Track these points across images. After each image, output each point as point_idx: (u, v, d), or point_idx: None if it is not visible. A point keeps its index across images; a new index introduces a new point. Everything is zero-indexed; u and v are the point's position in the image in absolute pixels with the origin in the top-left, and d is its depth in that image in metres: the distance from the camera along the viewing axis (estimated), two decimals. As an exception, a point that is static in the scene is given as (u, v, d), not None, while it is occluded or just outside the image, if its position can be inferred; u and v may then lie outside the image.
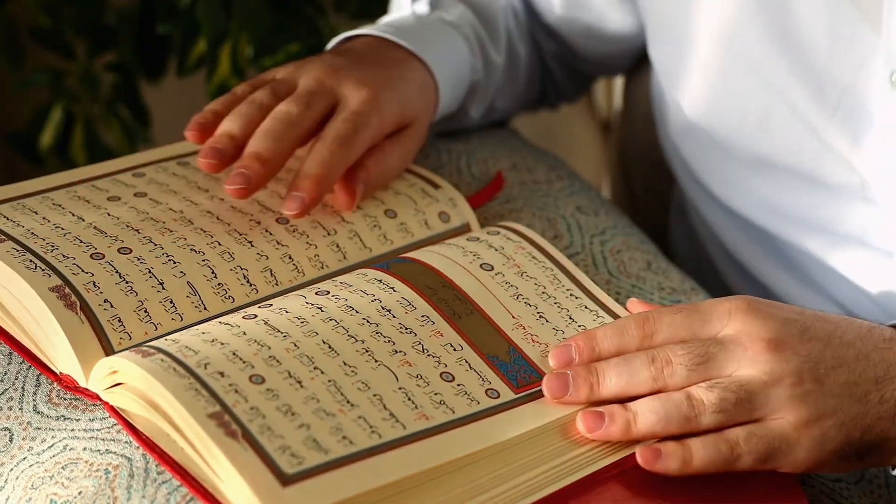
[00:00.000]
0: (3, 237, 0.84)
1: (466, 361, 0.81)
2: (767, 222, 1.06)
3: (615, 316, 0.87)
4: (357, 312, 0.82)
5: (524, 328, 0.85)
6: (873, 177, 0.97)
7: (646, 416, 0.78)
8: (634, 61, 1.22)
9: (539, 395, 0.81)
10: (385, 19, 1.13)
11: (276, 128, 0.91)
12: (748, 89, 1.00)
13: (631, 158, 1.36)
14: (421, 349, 0.81)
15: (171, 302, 0.83)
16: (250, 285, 0.86)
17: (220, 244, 0.87)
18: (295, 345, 0.78)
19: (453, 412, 0.78)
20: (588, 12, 1.13)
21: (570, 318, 0.86)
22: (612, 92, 1.55)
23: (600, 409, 0.78)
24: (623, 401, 0.79)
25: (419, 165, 1.01)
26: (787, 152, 1.00)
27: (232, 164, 0.91)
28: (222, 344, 0.78)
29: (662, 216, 1.33)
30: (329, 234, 0.91)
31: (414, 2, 1.13)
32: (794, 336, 0.79)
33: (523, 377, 0.81)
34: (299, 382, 0.76)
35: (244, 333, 0.79)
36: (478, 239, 0.91)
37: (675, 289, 0.97)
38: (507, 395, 0.80)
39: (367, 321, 0.81)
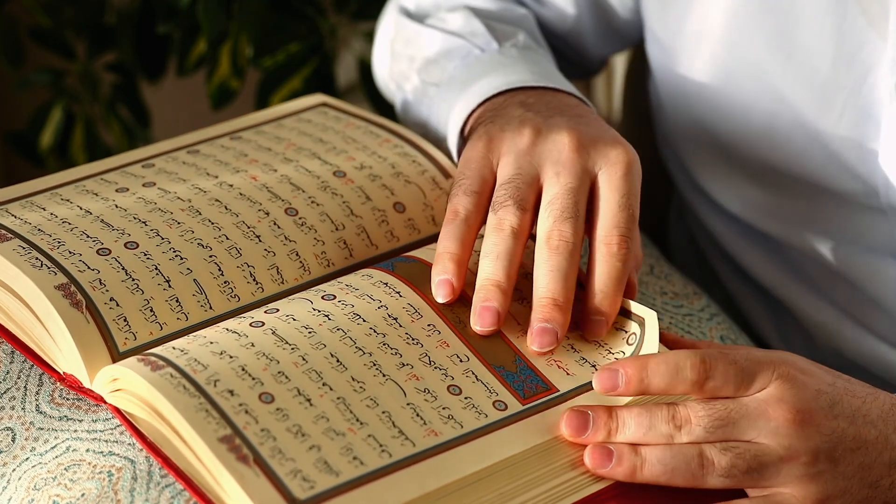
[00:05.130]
0: (10, 235, 0.84)
1: (473, 373, 0.81)
2: (769, 227, 1.05)
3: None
4: (364, 321, 0.81)
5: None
6: (880, 184, 0.96)
7: (653, 464, 0.77)
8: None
9: (546, 406, 0.80)
10: (440, 70, 1.04)
11: (562, 266, 0.82)
12: (752, 95, 1.00)
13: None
14: (428, 361, 0.80)
15: (177, 301, 0.83)
16: (256, 283, 0.85)
17: (227, 238, 0.87)
18: (303, 359, 0.78)
19: (462, 427, 0.77)
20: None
21: (575, 322, 0.86)
22: (612, 92, 1.54)
23: (610, 445, 0.78)
24: None
25: (432, 165, 0.99)
26: (791, 159, 1.00)
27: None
28: (231, 357, 0.77)
29: (661, 217, 1.32)
30: (337, 228, 0.90)
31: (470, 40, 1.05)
32: (822, 411, 0.78)
33: (530, 388, 0.81)
34: (308, 400, 0.76)
35: (252, 345, 0.78)
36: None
37: (678, 293, 0.97)
38: (515, 406, 0.79)
39: (374, 331, 0.81)
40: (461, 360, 0.81)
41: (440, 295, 0.83)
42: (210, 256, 0.85)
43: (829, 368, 0.81)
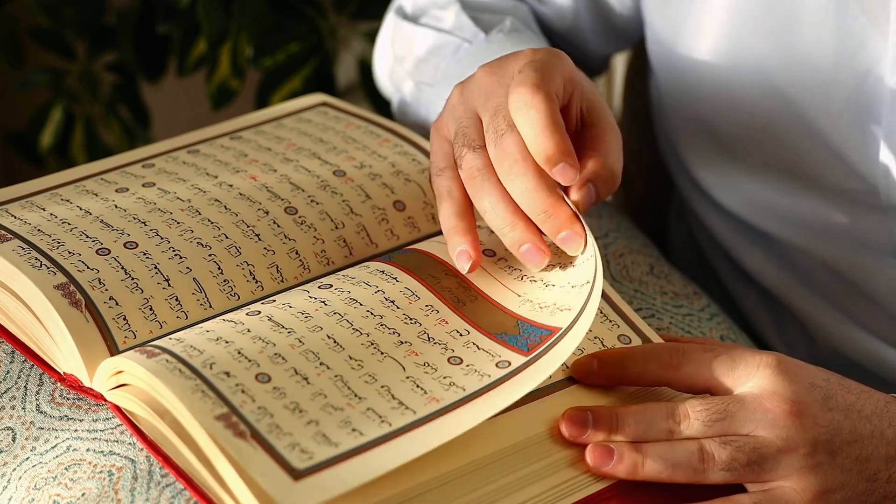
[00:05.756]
0: (10, 235, 0.84)
1: (474, 344, 0.80)
2: (768, 226, 1.05)
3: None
4: (361, 305, 0.81)
5: (531, 302, 0.84)
6: (880, 183, 0.96)
7: (654, 460, 0.77)
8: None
9: (551, 347, 0.79)
10: (433, 69, 1.05)
11: (526, 184, 0.82)
12: (753, 93, 1.00)
13: (630, 161, 1.36)
14: (427, 338, 0.80)
15: (177, 299, 0.83)
16: (256, 282, 0.86)
17: (227, 237, 0.87)
18: (300, 340, 0.78)
19: (464, 390, 0.77)
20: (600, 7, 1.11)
21: (576, 274, 0.85)
22: (612, 92, 1.55)
23: (611, 444, 0.78)
24: None
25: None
26: (791, 157, 1.00)
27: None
28: (227, 342, 0.77)
29: (662, 218, 1.32)
30: (337, 227, 0.90)
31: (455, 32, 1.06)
32: (817, 403, 0.78)
33: (534, 340, 0.80)
34: (305, 379, 0.76)
35: (248, 331, 0.78)
36: (479, 227, 0.90)
37: (678, 293, 0.97)
38: (519, 360, 0.79)
39: (371, 313, 0.81)
40: (461, 335, 0.81)
41: (462, 265, 0.84)
42: (209, 255, 0.85)
43: (824, 368, 0.81)
